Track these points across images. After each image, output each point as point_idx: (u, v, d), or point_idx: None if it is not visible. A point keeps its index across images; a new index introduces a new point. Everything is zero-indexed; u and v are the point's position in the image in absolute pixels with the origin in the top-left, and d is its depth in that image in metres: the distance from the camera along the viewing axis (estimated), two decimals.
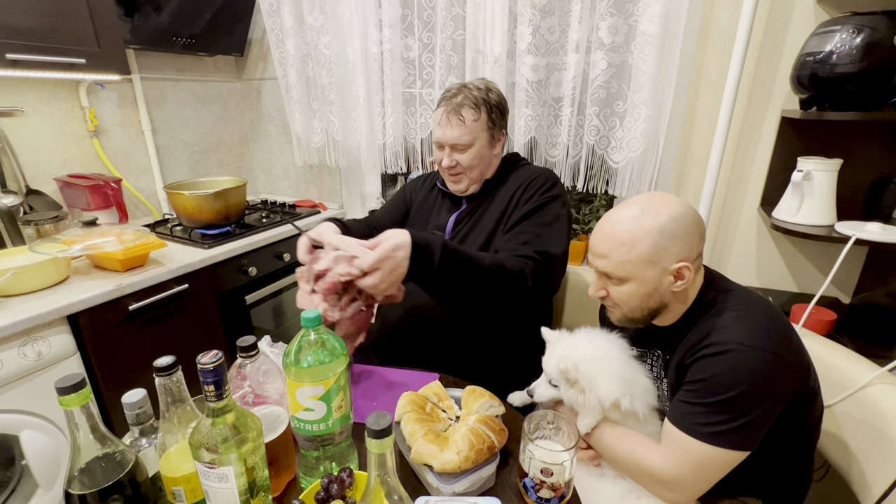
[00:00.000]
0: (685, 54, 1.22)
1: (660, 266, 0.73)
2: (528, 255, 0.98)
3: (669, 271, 0.73)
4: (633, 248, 0.73)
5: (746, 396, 0.67)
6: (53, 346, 1.11)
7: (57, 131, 1.55)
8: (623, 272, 0.75)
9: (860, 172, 1.17)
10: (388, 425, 0.45)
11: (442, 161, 1.11)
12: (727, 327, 0.71)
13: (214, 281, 1.50)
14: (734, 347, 0.68)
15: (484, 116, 1.09)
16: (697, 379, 0.71)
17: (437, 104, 1.13)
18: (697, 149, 1.35)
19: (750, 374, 0.67)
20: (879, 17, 0.94)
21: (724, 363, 0.69)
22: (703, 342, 0.72)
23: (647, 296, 0.76)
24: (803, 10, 1.14)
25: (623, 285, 0.77)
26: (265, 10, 1.76)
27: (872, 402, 0.83)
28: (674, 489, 0.73)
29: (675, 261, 0.73)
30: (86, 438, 0.52)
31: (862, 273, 1.25)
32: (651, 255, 0.73)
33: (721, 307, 0.75)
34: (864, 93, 0.98)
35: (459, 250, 0.91)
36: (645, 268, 0.74)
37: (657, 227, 0.72)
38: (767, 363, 0.68)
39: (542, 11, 1.34)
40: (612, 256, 0.76)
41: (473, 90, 1.09)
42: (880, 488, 0.78)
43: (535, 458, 0.65)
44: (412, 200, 1.30)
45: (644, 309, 0.79)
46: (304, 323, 0.64)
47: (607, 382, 0.78)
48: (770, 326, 0.71)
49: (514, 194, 1.10)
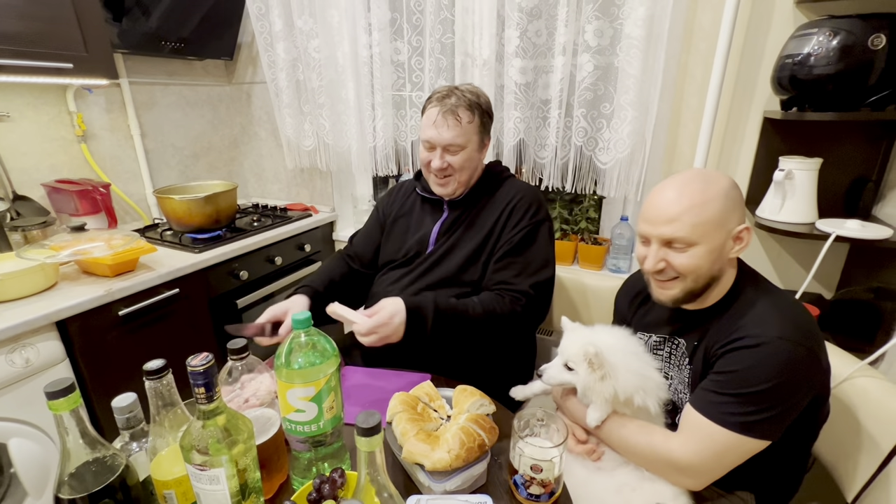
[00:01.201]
0: (670, 57, 1.24)
1: (726, 229, 0.75)
2: (521, 289, 1.04)
3: (733, 234, 0.75)
4: (704, 209, 0.74)
5: (781, 388, 0.69)
6: (42, 353, 1.10)
7: (44, 136, 1.54)
8: (695, 235, 0.75)
9: (840, 171, 1.19)
10: (376, 423, 0.46)
11: (432, 162, 1.10)
12: (763, 319, 0.73)
13: (205, 285, 1.49)
14: (770, 340, 0.70)
15: (477, 119, 1.09)
16: (730, 370, 0.72)
17: (426, 105, 1.12)
18: (683, 149, 1.37)
19: (786, 367, 0.69)
20: (854, 20, 0.96)
21: (760, 355, 0.70)
22: (736, 332, 0.73)
23: (713, 261, 0.76)
24: (783, 14, 1.17)
25: (690, 249, 0.75)
26: (254, 14, 1.77)
27: (854, 394, 0.85)
28: (692, 475, 0.75)
29: (737, 224, 0.75)
30: (75, 443, 0.52)
31: (844, 269, 1.28)
32: (721, 217, 0.74)
33: (754, 298, 0.77)
34: (841, 93, 1.01)
35: (451, 308, 0.98)
36: (715, 229, 0.74)
37: (723, 192, 0.75)
38: (802, 357, 0.70)
39: (528, 15, 1.36)
40: (684, 219, 0.74)
41: (466, 93, 1.09)
42: (862, 479, 0.80)
43: (525, 454, 0.66)
44: (385, 216, 1.28)
45: (708, 276, 0.77)
46: (295, 325, 0.64)
47: (626, 375, 0.80)
48: (805, 322, 0.73)
49: (502, 214, 1.11)
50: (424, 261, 1.15)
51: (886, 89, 0.97)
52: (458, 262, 1.11)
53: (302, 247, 1.87)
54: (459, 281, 1.11)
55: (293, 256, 1.84)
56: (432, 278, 1.13)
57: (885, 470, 0.76)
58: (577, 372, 0.82)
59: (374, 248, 1.27)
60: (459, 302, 1.01)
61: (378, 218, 1.30)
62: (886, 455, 0.76)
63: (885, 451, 0.76)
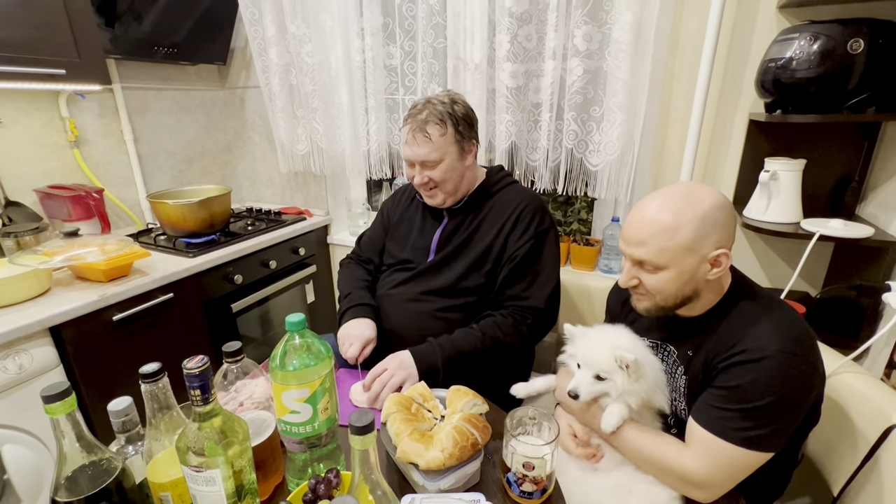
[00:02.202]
0: (657, 61, 1.26)
1: (699, 254, 0.73)
2: (531, 305, 1.07)
3: (708, 259, 0.73)
4: (675, 234, 0.72)
5: (783, 402, 0.69)
6: (35, 359, 1.10)
7: (36, 142, 1.54)
8: (662, 259, 0.74)
9: (824, 172, 1.22)
10: (370, 421, 0.47)
11: (414, 178, 1.12)
12: (764, 333, 0.72)
13: (200, 290, 1.50)
14: (772, 354, 0.69)
15: (450, 130, 1.06)
16: (733, 385, 0.72)
17: (404, 121, 1.11)
18: (672, 151, 1.40)
19: (788, 381, 0.69)
20: (834, 25, 0.99)
21: (762, 369, 0.69)
22: (737, 346, 0.73)
23: (683, 283, 0.75)
24: (766, 19, 1.20)
25: (659, 273, 0.75)
26: (247, 19, 1.77)
27: (839, 389, 0.87)
28: (704, 489, 0.75)
29: (714, 248, 0.73)
30: (72, 446, 0.53)
31: (829, 267, 1.31)
32: (692, 243, 0.72)
33: (752, 310, 0.76)
34: (823, 96, 1.03)
35: (457, 351, 1.02)
36: (685, 255, 0.73)
37: (700, 214, 0.72)
38: (803, 370, 0.70)
39: (519, 20, 1.38)
40: (651, 243, 0.74)
41: (438, 104, 1.07)
42: (848, 472, 0.82)
43: (517, 452, 0.67)
44: (390, 219, 1.29)
45: (678, 297, 0.77)
46: (289, 327, 0.65)
47: (651, 374, 0.80)
48: (804, 334, 0.73)
49: (506, 223, 1.11)
50: (426, 269, 1.16)
51: (866, 92, 1.00)
52: (460, 270, 1.12)
53: (296, 250, 1.88)
54: (461, 289, 1.12)
55: (287, 260, 1.85)
56: (433, 286, 1.14)
57: (870, 462, 0.78)
58: (611, 380, 0.80)
59: (379, 242, 1.29)
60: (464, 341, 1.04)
61: (382, 221, 1.32)
62: (870, 448, 0.78)
63: (870, 443, 0.78)
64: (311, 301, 2.00)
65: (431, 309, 1.12)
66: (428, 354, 1.00)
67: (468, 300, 1.12)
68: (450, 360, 1.01)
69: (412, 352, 1.00)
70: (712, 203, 0.73)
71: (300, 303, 1.96)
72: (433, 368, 0.99)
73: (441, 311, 1.12)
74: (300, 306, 1.96)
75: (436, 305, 1.12)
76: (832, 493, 0.85)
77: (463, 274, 1.12)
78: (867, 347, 0.95)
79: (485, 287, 1.12)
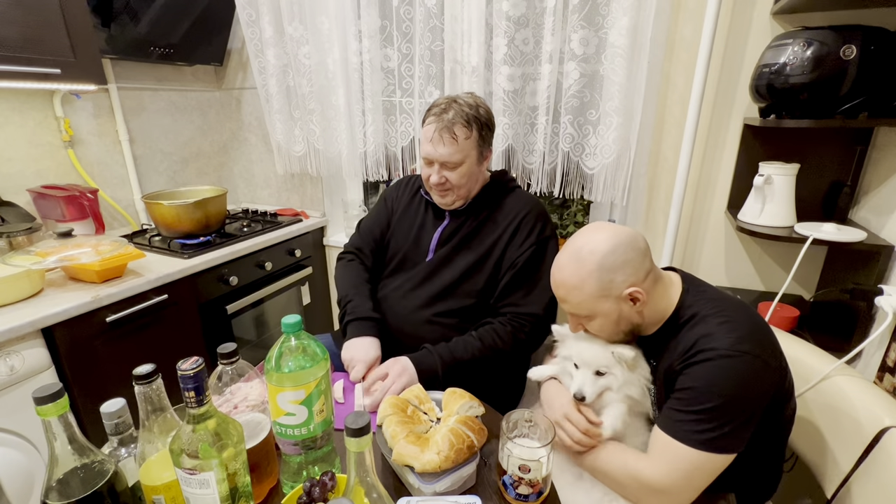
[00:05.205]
0: (653, 65, 1.27)
1: (612, 296, 0.78)
2: (529, 311, 1.08)
3: (623, 298, 0.77)
4: (582, 289, 0.78)
5: (735, 401, 0.70)
6: (27, 360, 1.09)
7: (30, 142, 1.53)
8: (584, 311, 0.81)
9: (817, 176, 1.23)
10: (365, 424, 0.47)
11: (430, 177, 1.11)
12: (713, 334, 0.73)
13: (194, 291, 1.49)
14: (722, 353, 0.71)
15: (475, 134, 1.07)
16: (687, 387, 0.73)
17: (426, 117, 1.10)
18: (667, 155, 1.41)
19: (738, 380, 0.70)
20: (827, 31, 1.00)
21: (712, 370, 0.71)
22: (691, 350, 0.74)
23: (615, 323, 0.81)
24: (760, 24, 1.21)
25: (592, 321, 0.82)
26: (244, 20, 1.77)
27: (832, 392, 0.87)
28: (666, 494, 0.74)
29: (624, 288, 0.77)
30: (63, 449, 0.52)
31: (823, 271, 1.32)
32: (600, 291, 0.77)
33: (704, 314, 0.77)
34: (816, 101, 1.05)
35: (456, 360, 1.02)
36: (600, 302, 0.78)
37: (596, 265, 0.77)
38: (753, 367, 0.71)
39: (516, 24, 1.39)
40: (569, 300, 0.81)
41: (464, 106, 1.06)
42: (841, 475, 0.83)
43: (514, 455, 0.67)
44: (393, 209, 1.29)
45: (619, 334, 0.84)
46: (285, 329, 0.65)
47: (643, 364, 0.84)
48: (753, 331, 0.74)
49: (507, 228, 1.12)
50: (424, 269, 1.16)
51: (858, 98, 1.01)
52: (459, 272, 1.12)
53: (292, 252, 1.87)
54: (460, 291, 1.12)
55: (283, 262, 1.84)
56: (433, 288, 1.13)
57: (863, 465, 0.79)
58: (611, 374, 0.83)
59: (380, 233, 1.28)
60: (463, 349, 1.04)
61: (385, 208, 1.30)
62: (864, 450, 0.79)
63: (863, 446, 0.79)
64: (306, 303, 1.99)
65: (428, 311, 1.12)
66: (428, 363, 1.00)
67: (464, 304, 1.12)
68: (448, 368, 1.01)
69: (412, 359, 1.00)
70: (606, 250, 0.77)
71: (296, 305, 1.95)
72: (433, 376, 0.99)
73: (438, 316, 1.12)
74: (296, 308, 1.95)
75: (433, 309, 1.12)
76: (826, 495, 0.86)
77: (462, 275, 1.12)
78: (860, 350, 0.96)
79: (482, 291, 1.12)
